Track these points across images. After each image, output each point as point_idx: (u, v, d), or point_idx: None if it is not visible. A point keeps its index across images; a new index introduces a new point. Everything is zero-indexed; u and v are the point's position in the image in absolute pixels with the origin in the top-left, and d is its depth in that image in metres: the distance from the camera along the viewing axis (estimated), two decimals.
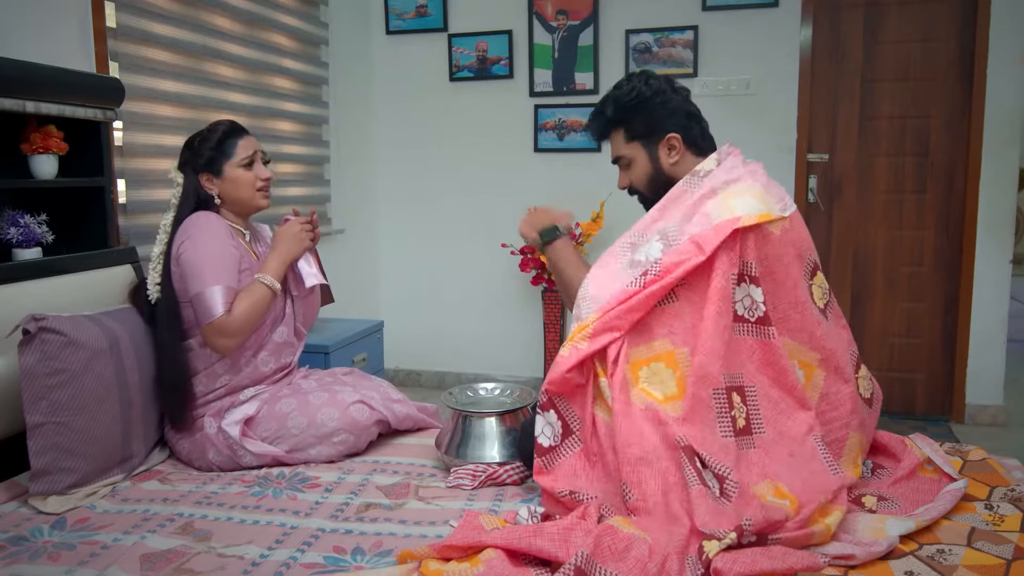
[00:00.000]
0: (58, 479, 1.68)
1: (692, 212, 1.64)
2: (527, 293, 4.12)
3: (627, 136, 1.78)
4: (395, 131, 4.30)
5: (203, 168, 2.00)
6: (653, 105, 1.75)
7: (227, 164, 2.00)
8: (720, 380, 1.52)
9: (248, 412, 1.92)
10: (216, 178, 2.00)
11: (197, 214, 1.96)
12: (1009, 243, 3.58)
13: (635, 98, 1.75)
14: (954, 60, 3.58)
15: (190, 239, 1.91)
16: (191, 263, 1.88)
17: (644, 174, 1.79)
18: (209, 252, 1.89)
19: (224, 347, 1.90)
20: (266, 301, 1.94)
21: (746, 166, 1.74)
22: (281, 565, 1.41)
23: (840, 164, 3.76)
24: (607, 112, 1.79)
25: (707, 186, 1.67)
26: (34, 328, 1.68)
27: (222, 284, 1.87)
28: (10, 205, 2.12)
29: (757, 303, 1.58)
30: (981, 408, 3.68)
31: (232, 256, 1.93)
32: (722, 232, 1.55)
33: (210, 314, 1.85)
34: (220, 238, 1.93)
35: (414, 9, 4.16)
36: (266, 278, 1.95)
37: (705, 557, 1.28)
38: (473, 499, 1.69)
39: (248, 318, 1.90)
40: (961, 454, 1.78)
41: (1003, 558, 1.33)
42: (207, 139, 2.01)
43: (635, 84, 1.77)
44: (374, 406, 1.99)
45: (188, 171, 2.00)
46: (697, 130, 1.79)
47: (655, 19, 3.83)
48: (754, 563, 1.27)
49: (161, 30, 2.71)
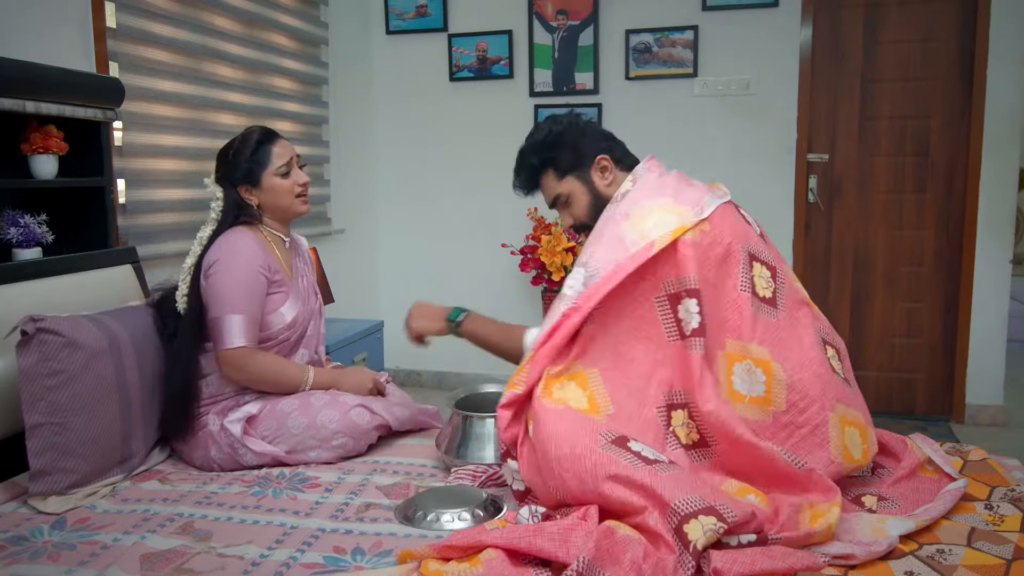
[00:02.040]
0: (57, 479, 1.68)
1: (610, 238, 1.64)
2: (527, 293, 4.12)
3: (557, 174, 1.81)
4: (395, 131, 4.30)
5: (241, 180, 1.98)
6: (571, 137, 1.79)
7: (264, 174, 1.98)
8: (656, 399, 1.55)
9: (251, 411, 1.93)
10: (255, 188, 1.99)
11: (233, 231, 1.95)
12: (1009, 243, 3.59)
13: (552, 136, 1.79)
14: (954, 60, 3.58)
15: (220, 261, 1.90)
16: (217, 286, 1.89)
17: (585, 204, 1.80)
18: (236, 279, 1.89)
19: (230, 377, 1.91)
20: (289, 384, 1.96)
21: (661, 178, 1.73)
22: (281, 565, 1.41)
23: (840, 164, 3.76)
24: (531, 160, 1.82)
25: (622, 210, 1.67)
26: (32, 329, 1.68)
27: (243, 315, 1.88)
28: (10, 205, 2.12)
29: (692, 315, 1.56)
30: (981, 408, 3.68)
31: (260, 285, 1.92)
32: (638, 260, 1.57)
33: (225, 342, 1.87)
34: (251, 263, 1.91)
35: (414, 9, 4.16)
36: (309, 376, 1.97)
37: (694, 548, 1.27)
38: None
39: (262, 376, 1.92)
40: (961, 454, 1.78)
41: (1003, 558, 1.33)
42: (241, 151, 1.98)
43: (546, 126, 1.82)
44: (375, 410, 1.99)
45: (226, 184, 1.98)
46: (619, 149, 1.82)
47: (655, 19, 3.83)
48: (754, 563, 1.27)
49: (161, 30, 2.71)
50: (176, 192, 2.81)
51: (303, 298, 2.05)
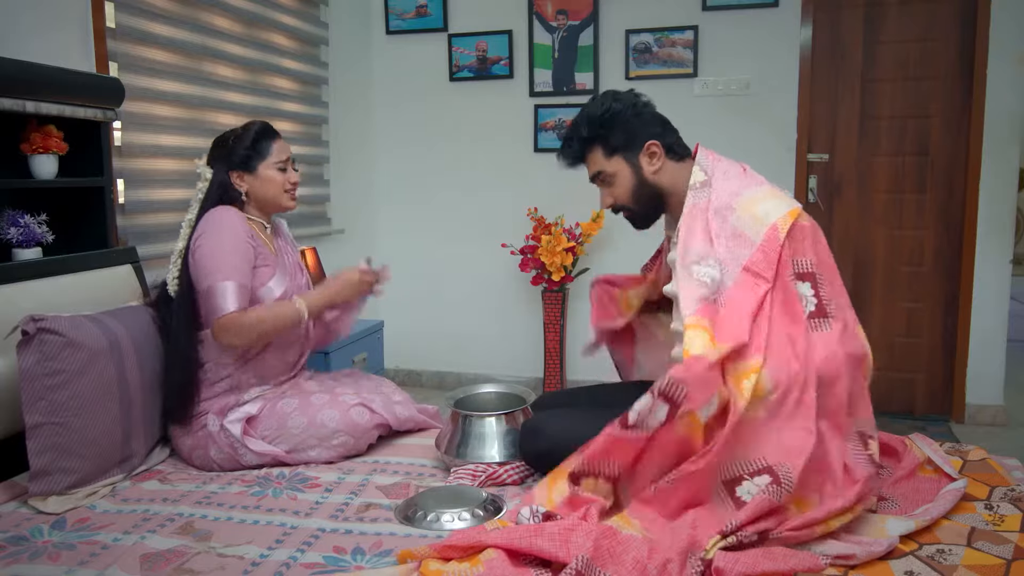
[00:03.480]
0: (57, 479, 1.68)
1: (721, 234, 1.64)
2: (527, 293, 4.12)
3: (606, 151, 1.78)
4: (395, 131, 4.30)
5: (236, 165, 2.00)
6: (627, 117, 1.77)
7: (262, 163, 2.01)
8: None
9: (250, 411, 1.93)
10: (248, 175, 2.01)
11: (216, 209, 1.96)
12: (1009, 243, 3.58)
13: (608, 113, 1.77)
14: (954, 60, 3.58)
15: (205, 234, 1.91)
16: (204, 257, 1.88)
17: (628, 186, 1.78)
18: (223, 248, 1.89)
19: (229, 344, 1.90)
20: (288, 322, 1.94)
21: (741, 167, 1.75)
22: (281, 565, 1.41)
23: (840, 164, 3.76)
24: (583, 132, 1.79)
25: (720, 202, 1.67)
26: (32, 329, 1.68)
27: (234, 280, 1.87)
28: (10, 205, 2.12)
29: (807, 299, 1.58)
30: (981, 408, 3.68)
31: (247, 253, 1.93)
32: (772, 251, 1.57)
33: (220, 309, 1.86)
34: (236, 234, 1.92)
35: (414, 9, 4.16)
36: (301, 303, 1.95)
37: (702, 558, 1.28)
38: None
39: (262, 327, 1.89)
40: (961, 454, 1.78)
41: (1003, 558, 1.33)
42: (242, 138, 2.01)
43: (605, 101, 1.79)
44: (375, 409, 1.99)
45: (219, 167, 2.00)
46: (671, 136, 1.80)
47: (655, 19, 3.83)
48: (755, 564, 1.27)
49: (160, 30, 2.71)
50: (175, 192, 2.80)
51: (290, 274, 2.06)
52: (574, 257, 3.77)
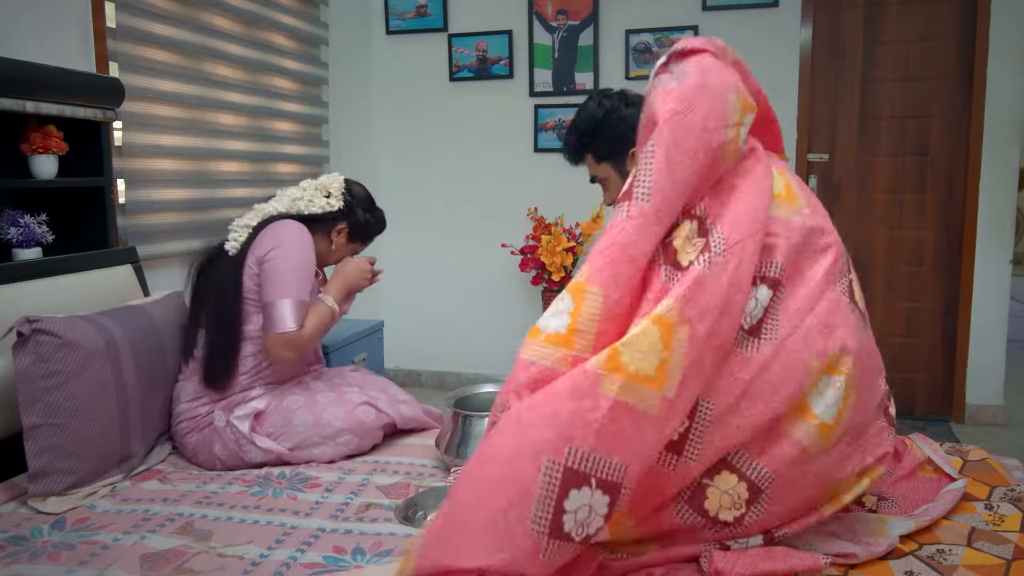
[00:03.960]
0: (56, 480, 1.68)
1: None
2: (527, 293, 4.12)
3: (596, 158, 1.84)
4: (395, 131, 4.30)
5: (353, 225, 2.10)
6: (608, 125, 1.79)
7: (359, 244, 2.17)
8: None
9: (258, 407, 1.93)
10: (343, 237, 2.11)
11: (297, 223, 1.99)
12: (1009, 243, 3.58)
13: (591, 121, 1.80)
14: (954, 60, 3.58)
15: (283, 247, 1.92)
16: (278, 270, 1.90)
17: (617, 191, 1.82)
18: (298, 265, 1.92)
19: (285, 358, 1.92)
20: (328, 321, 1.99)
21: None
22: (281, 565, 1.41)
23: (840, 164, 3.76)
24: (572, 140, 1.85)
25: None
26: (28, 330, 1.68)
27: (298, 299, 1.90)
28: (10, 205, 2.12)
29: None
30: (981, 408, 3.68)
31: (311, 274, 1.97)
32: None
33: (282, 325, 1.87)
34: (309, 257, 1.97)
35: (414, 9, 4.16)
36: (330, 301, 2.00)
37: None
38: None
39: (315, 334, 1.96)
40: (961, 454, 1.78)
41: (1003, 558, 1.33)
42: (376, 215, 2.16)
43: (589, 107, 1.82)
44: (381, 408, 2.00)
45: (347, 209, 2.08)
46: None
47: (655, 19, 3.83)
48: (755, 564, 1.27)
49: (161, 30, 2.71)
50: (175, 192, 2.80)
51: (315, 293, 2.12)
52: (574, 257, 3.77)
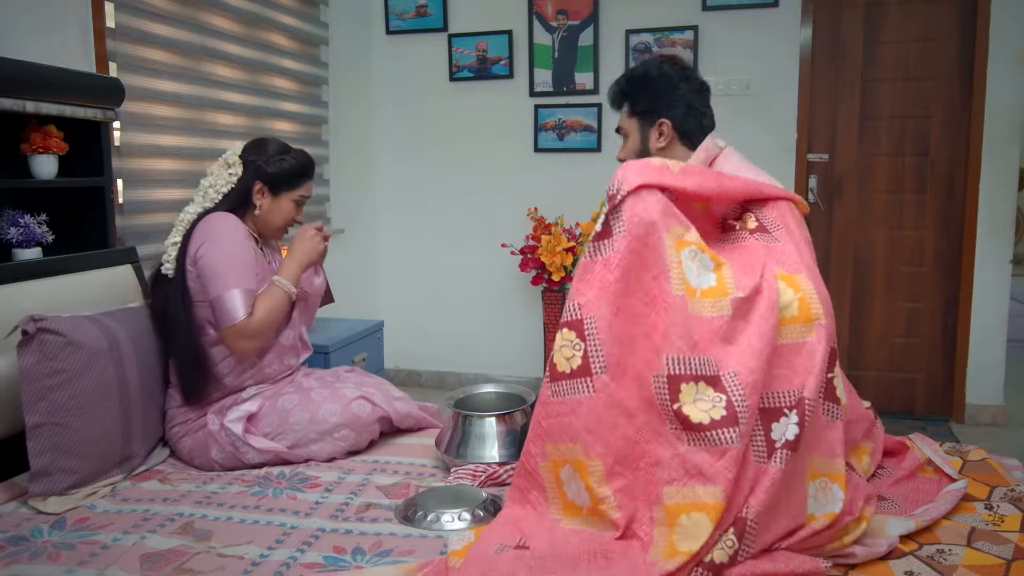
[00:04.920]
0: (58, 480, 1.68)
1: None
2: (527, 293, 4.12)
3: (630, 110, 1.87)
4: (395, 131, 4.30)
5: (266, 179, 2.01)
6: (656, 88, 1.82)
7: (286, 192, 2.04)
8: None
9: (250, 409, 1.93)
10: (267, 195, 2.03)
11: (216, 215, 1.96)
12: (1009, 243, 3.58)
13: (643, 76, 1.83)
14: (954, 60, 3.58)
15: (211, 241, 1.90)
16: (212, 265, 1.88)
17: (632, 151, 1.86)
18: (230, 255, 1.90)
19: (244, 350, 1.91)
20: (284, 304, 1.97)
21: (746, 162, 1.76)
22: (281, 565, 1.41)
23: (840, 164, 3.76)
24: (621, 83, 1.89)
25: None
26: (33, 329, 1.68)
27: (243, 287, 1.89)
28: (10, 205, 2.12)
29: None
30: (981, 408, 3.68)
31: (251, 259, 1.95)
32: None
33: (231, 317, 1.86)
34: (238, 240, 1.94)
35: (414, 9, 4.16)
36: (283, 282, 1.98)
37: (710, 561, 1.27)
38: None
39: (268, 320, 1.92)
40: (961, 454, 1.78)
41: (1003, 558, 1.33)
42: (285, 159, 2.03)
43: (650, 64, 1.85)
44: (376, 402, 2.00)
45: (248, 171, 2.01)
46: (694, 124, 1.83)
47: (655, 19, 3.83)
48: (755, 566, 1.27)
49: (160, 30, 2.71)
50: (175, 192, 2.80)
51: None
52: (574, 257, 3.77)
